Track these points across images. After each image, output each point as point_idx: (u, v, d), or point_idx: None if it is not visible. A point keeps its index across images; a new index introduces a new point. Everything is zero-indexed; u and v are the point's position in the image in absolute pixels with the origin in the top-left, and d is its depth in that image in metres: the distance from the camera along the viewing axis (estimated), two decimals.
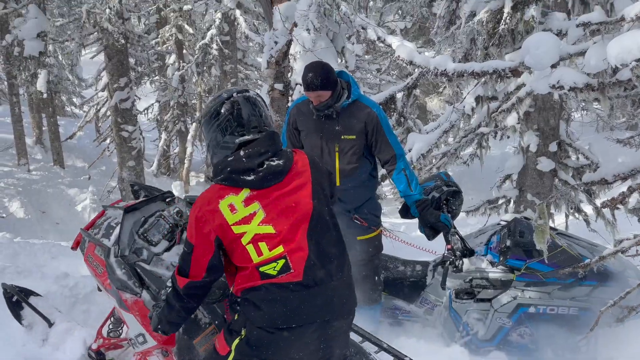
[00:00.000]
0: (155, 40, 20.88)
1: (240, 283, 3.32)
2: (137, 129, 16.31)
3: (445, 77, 6.41)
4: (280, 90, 8.02)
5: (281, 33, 7.77)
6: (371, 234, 5.66)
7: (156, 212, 4.19)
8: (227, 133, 3.29)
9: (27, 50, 16.25)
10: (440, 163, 8.36)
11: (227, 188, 3.25)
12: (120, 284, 4.07)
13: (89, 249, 4.43)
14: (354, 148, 5.40)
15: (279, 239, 3.23)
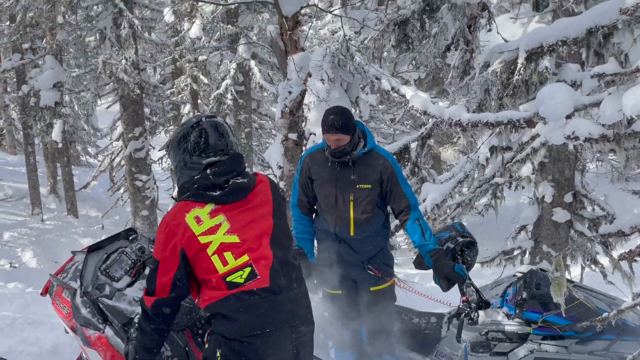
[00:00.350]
0: (170, 90, 21.02)
1: (207, 296, 3.41)
2: (151, 179, 16.34)
3: (460, 127, 6.41)
4: (294, 140, 8.02)
5: (295, 83, 7.80)
6: (384, 284, 5.60)
7: (118, 249, 4.29)
8: (194, 155, 3.48)
9: (43, 101, 16.42)
10: (454, 213, 8.30)
11: (192, 203, 3.42)
12: (84, 321, 4.15)
13: (57, 292, 4.50)
14: (368, 197, 5.37)
15: (244, 247, 3.39)
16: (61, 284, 4.41)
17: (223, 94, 16.74)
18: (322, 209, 5.59)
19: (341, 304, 5.76)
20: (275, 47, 8.11)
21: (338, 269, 5.60)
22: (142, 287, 4.00)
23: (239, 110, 16.59)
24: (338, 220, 5.47)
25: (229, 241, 3.36)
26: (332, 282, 5.70)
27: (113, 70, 15.24)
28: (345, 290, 5.67)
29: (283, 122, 8.11)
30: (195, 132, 3.48)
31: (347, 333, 5.82)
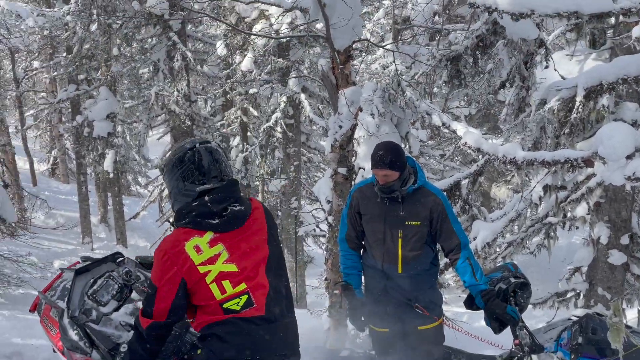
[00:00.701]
0: (220, 123, 21.16)
1: (203, 318, 3.43)
2: None
3: (514, 165, 6.29)
4: (344, 174, 7.95)
5: (346, 117, 7.76)
6: (433, 323, 5.48)
7: (105, 273, 4.28)
8: (188, 181, 3.46)
9: (97, 131, 16.66)
10: (505, 252, 8.14)
11: (191, 231, 3.39)
12: (71, 345, 4.14)
13: (45, 310, 4.50)
14: (417, 235, 5.27)
15: (242, 277, 3.40)
16: (49, 302, 4.42)
17: (273, 127, 16.79)
18: (370, 244, 5.51)
19: (388, 342, 5.65)
20: (327, 81, 8.08)
21: (385, 306, 5.51)
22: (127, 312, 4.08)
23: (288, 144, 16.61)
24: (386, 257, 5.39)
25: (227, 270, 3.38)
26: (379, 319, 5.60)
27: (165, 101, 15.44)
28: (392, 328, 5.56)
29: (333, 156, 8.06)
30: (189, 158, 3.47)
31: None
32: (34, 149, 28.74)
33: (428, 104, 8.37)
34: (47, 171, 31.05)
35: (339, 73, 7.87)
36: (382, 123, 7.40)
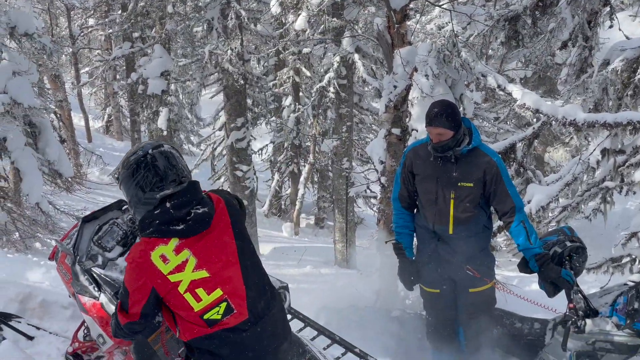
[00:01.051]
0: (272, 82, 21.21)
1: (188, 330, 3.40)
2: (251, 169, 16.52)
3: (574, 127, 6.18)
4: (398, 135, 7.90)
5: (401, 77, 7.68)
6: (484, 286, 5.47)
7: (110, 220, 4.36)
8: (147, 189, 3.34)
9: (151, 89, 16.78)
10: (560, 217, 8.02)
11: (156, 240, 3.29)
12: (80, 289, 4.33)
13: (61, 258, 4.66)
14: (470, 196, 5.24)
15: (215, 281, 3.32)
16: (64, 250, 4.57)
17: (325, 87, 16.73)
18: (423, 205, 5.49)
19: (439, 303, 5.66)
20: (382, 40, 8.00)
21: (436, 267, 5.51)
22: None
23: (341, 104, 16.53)
24: (437, 218, 5.38)
25: (198, 277, 3.30)
26: (430, 280, 5.61)
27: (218, 60, 15.48)
28: (443, 289, 5.57)
29: (387, 116, 8.00)
30: (144, 166, 3.34)
31: (444, 334, 5.71)
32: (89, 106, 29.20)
33: (484, 66, 8.24)
34: (101, 128, 31.54)
35: (394, 32, 7.78)
36: (436, 84, 7.31)
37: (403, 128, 7.88)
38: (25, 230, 11.95)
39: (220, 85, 17.48)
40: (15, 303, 5.81)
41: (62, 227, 12.46)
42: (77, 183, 15.43)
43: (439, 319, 5.73)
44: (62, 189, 13.36)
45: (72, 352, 4.89)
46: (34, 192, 11.49)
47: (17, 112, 10.72)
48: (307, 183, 20.76)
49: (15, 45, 11.61)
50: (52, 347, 5.18)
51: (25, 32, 11.54)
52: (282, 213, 23.08)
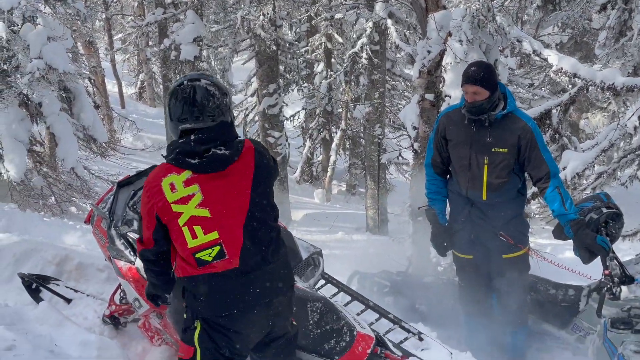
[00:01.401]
0: (304, 49, 21.13)
1: (180, 268, 3.47)
2: (283, 135, 16.54)
3: (613, 91, 6.08)
4: (431, 101, 7.84)
5: (435, 42, 7.60)
6: (518, 252, 5.44)
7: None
8: (173, 119, 3.39)
9: (183, 55, 16.76)
10: (596, 183, 7.93)
11: (171, 167, 3.37)
12: (116, 253, 4.39)
13: (97, 222, 4.74)
14: (504, 162, 5.19)
15: (214, 223, 3.35)
16: (100, 214, 4.63)
17: (358, 53, 16.61)
18: (456, 171, 5.46)
19: (472, 269, 5.65)
20: (416, 5, 7.91)
21: (469, 233, 5.49)
22: None
23: (373, 70, 16.41)
24: (471, 184, 5.35)
25: (199, 214, 3.33)
26: (463, 246, 5.59)
27: (251, 26, 15.44)
28: (476, 255, 5.55)
29: (420, 82, 7.93)
30: (175, 95, 3.38)
31: (477, 300, 5.70)
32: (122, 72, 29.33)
33: (519, 31, 8.11)
34: (134, 94, 31.71)
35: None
36: (470, 50, 7.22)
37: (436, 94, 7.82)
38: (61, 194, 12.12)
39: (252, 52, 17.43)
40: (52, 265, 5.88)
41: (96, 191, 12.60)
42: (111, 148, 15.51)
43: (472, 285, 5.71)
44: (97, 154, 13.48)
45: (109, 314, 4.98)
46: (70, 156, 11.62)
47: (52, 78, 10.80)
48: (339, 150, 20.73)
49: (50, 11, 11.68)
50: (89, 310, 5.24)
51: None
52: (314, 180, 23.10)
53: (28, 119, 11.37)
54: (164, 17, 18.16)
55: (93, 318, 5.13)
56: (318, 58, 20.78)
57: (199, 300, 3.43)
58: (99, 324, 5.03)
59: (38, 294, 5.36)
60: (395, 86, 20.77)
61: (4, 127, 10.80)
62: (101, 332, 4.91)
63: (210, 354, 3.47)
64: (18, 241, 6.22)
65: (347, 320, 4.27)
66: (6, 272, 5.86)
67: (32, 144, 11.94)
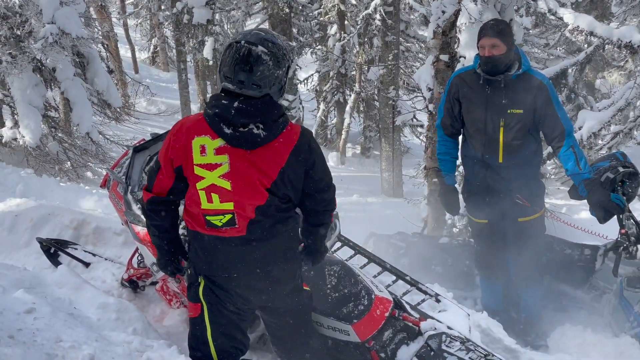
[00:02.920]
0: (317, 11, 20.98)
1: (187, 220, 3.42)
2: (297, 99, 16.51)
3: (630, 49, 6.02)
4: (446, 62, 7.77)
5: (449, 2, 7.52)
6: (534, 215, 5.44)
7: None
8: (221, 71, 3.27)
9: (196, 18, 16.70)
10: (612, 143, 7.89)
11: (207, 127, 3.24)
12: (133, 218, 4.36)
13: (113, 186, 4.74)
14: (520, 123, 5.16)
15: (232, 196, 3.27)
16: (116, 178, 4.65)
17: (371, 15, 16.49)
18: (470, 134, 5.43)
19: (487, 234, 5.65)
20: None
21: (485, 197, 5.48)
22: None
23: (387, 32, 16.28)
24: (487, 147, 5.32)
25: (220, 185, 3.25)
26: (479, 210, 5.59)
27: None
28: (492, 219, 5.55)
29: (435, 42, 7.86)
30: (229, 50, 3.23)
31: (493, 263, 5.72)
32: (135, 37, 29.27)
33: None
34: (147, 59, 31.66)
35: None
36: (485, 9, 7.14)
37: (451, 54, 7.75)
38: (77, 159, 12.19)
39: (265, 14, 17.33)
40: (69, 230, 5.93)
41: (112, 156, 12.66)
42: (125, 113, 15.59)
43: (488, 249, 5.72)
44: (111, 119, 13.55)
45: (128, 278, 5.02)
46: (84, 121, 11.67)
47: (65, 42, 10.80)
48: (353, 112, 20.64)
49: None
50: (107, 273, 5.28)
51: None
52: (328, 142, 23.06)
53: (42, 84, 11.42)
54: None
55: (111, 281, 5.17)
56: (331, 20, 20.62)
57: (200, 258, 3.44)
58: (117, 287, 5.07)
59: (56, 258, 5.39)
60: (409, 48, 20.63)
61: (18, 92, 10.85)
62: (119, 295, 4.94)
63: (216, 308, 3.49)
64: (35, 206, 6.24)
65: (365, 284, 4.28)
66: (24, 237, 5.90)
67: (47, 109, 12.01)
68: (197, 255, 3.47)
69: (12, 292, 3.97)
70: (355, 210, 13.42)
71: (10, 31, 10.58)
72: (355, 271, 4.41)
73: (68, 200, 8.37)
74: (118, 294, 4.98)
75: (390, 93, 16.37)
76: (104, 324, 4.20)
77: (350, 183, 16.79)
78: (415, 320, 4.22)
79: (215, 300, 3.48)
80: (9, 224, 5.98)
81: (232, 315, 3.54)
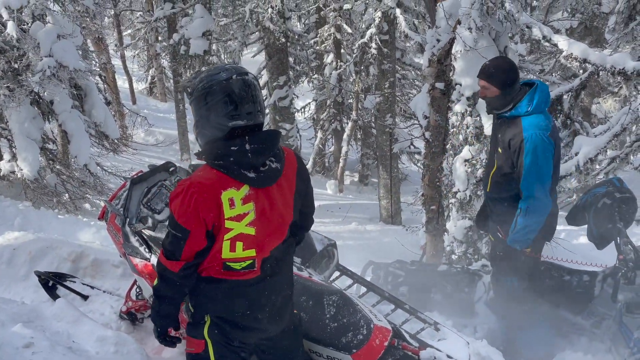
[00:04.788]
0: (314, 40, 21.13)
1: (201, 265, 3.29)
2: (294, 127, 16.58)
3: (623, 76, 6.06)
4: (441, 90, 7.84)
5: (444, 31, 7.60)
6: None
7: (158, 182, 4.44)
8: (220, 114, 3.09)
9: (193, 49, 16.82)
10: (609, 168, 7.89)
11: (228, 179, 3.10)
12: (131, 250, 4.36)
13: (111, 218, 4.69)
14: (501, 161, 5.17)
15: (255, 242, 3.22)
16: (114, 210, 4.60)
17: (367, 43, 16.62)
18: None
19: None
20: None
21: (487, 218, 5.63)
22: None
23: (383, 60, 16.39)
24: (485, 173, 5.48)
25: (246, 232, 3.16)
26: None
27: (259, 19, 15.46)
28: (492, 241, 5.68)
29: (430, 71, 7.93)
30: (223, 89, 3.07)
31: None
32: (132, 68, 29.38)
33: (528, 17, 8.08)
34: (145, 90, 31.81)
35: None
36: (480, 37, 7.21)
37: (447, 82, 7.82)
38: (75, 191, 12.18)
39: (261, 44, 17.47)
40: (67, 262, 5.92)
41: (110, 187, 12.66)
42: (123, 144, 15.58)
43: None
44: (109, 151, 13.53)
45: (126, 311, 5.01)
46: (82, 153, 11.67)
47: (63, 75, 10.84)
48: (350, 140, 20.71)
49: (59, 9, 11.72)
50: (105, 306, 5.27)
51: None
52: (326, 171, 23.11)
53: (40, 117, 11.44)
54: (172, 12, 18.22)
55: (110, 314, 5.15)
56: (327, 49, 20.75)
57: (217, 302, 3.36)
58: (116, 320, 5.06)
59: (55, 291, 5.38)
60: (405, 75, 20.75)
61: (16, 125, 10.86)
62: (118, 328, 4.94)
63: (222, 345, 3.44)
64: (33, 239, 6.23)
65: (364, 313, 4.27)
66: (22, 270, 5.89)
67: (45, 141, 12.02)
68: (206, 297, 3.38)
69: (11, 326, 3.96)
70: (353, 238, 13.42)
71: (8, 65, 10.61)
72: (354, 300, 4.40)
73: (66, 233, 8.37)
74: (116, 326, 4.97)
75: (387, 121, 16.44)
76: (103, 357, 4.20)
77: (349, 211, 16.80)
78: (414, 349, 4.21)
79: (222, 337, 3.44)
80: (7, 257, 5.97)
81: (238, 350, 3.51)
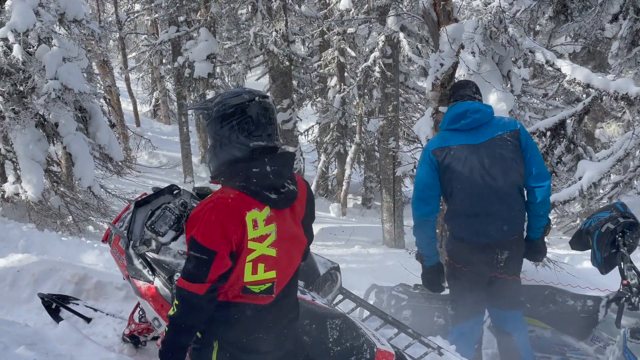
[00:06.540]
0: (317, 63, 21.21)
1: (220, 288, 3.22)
2: (297, 150, 16.60)
3: (626, 101, 6.08)
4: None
5: (447, 55, 7.61)
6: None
7: (162, 205, 4.37)
8: (242, 135, 3.14)
9: (197, 72, 16.91)
10: (612, 193, 7.90)
11: (251, 200, 3.12)
12: (135, 273, 4.34)
13: (115, 241, 4.67)
14: None
15: (276, 263, 3.21)
16: (118, 233, 4.59)
17: (371, 67, 16.68)
18: None
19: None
20: (428, 18, 7.93)
21: None
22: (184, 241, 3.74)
23: (387, 83, 16.46)
24: None
25: (268, 253, 3.16)
26: None
27: (263, 42, 15.55)
28: None
29: (434, 94, 7.93)
30: (247, 110, 3.13)
31: None
32: (137, 90, 29.53)
33: (531, 41, 8.13)
34: (149, 112, 31.92)
35: (440, 9, 7.70)
36: (483, 61, 7.25)
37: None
38: (79, 213, 12.20)
39: (265, 67, 17.54)
40: (71, 285, 5.91)
41: (114, 210, 12.67)
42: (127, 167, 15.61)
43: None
44: (113, 173, 13.56)
45: (129, 333, 4.99)
46: (86, 176, 11.70)
47: (68, 98, 10.90)
48: (353, 163, 20.74)
49: (65, 32, 11.80)
50: (108, 328, 5.25)
51: (74, 18, 11.75)
52: (329, 194, 23.12)
53: (45, 139, 11.48)
54: (177, 35, 18.35)
55: (113, 337, 5.14)
56: (331, 72, 20.84)
57: (226, 324, 3.30)
58: (119, 343, 5.04)
59: (58, 314, 5.37)
60: (408, 99, 20.80)
61: (21, 148, 10.90)
62: (121, 351, 4.92)
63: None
64: (37, 261, 6.23)
65: (367, 337, 4.25)
66: (26, 292, 5.88)
67: (49, 164, 12.05)
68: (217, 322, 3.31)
69: (14, 348, 3.96)
70: (356, 262, 13.39)
71: (14, 87, 10.67)
72: (357, 324, 4.38)
73: (70, 255, 8.35)
74: (119, 349, 4.95)
75: (390, 144, 16.48)
76: None
77: (352, 234, 16.78)
78: None
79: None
80: (10, 280, 5.96)
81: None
